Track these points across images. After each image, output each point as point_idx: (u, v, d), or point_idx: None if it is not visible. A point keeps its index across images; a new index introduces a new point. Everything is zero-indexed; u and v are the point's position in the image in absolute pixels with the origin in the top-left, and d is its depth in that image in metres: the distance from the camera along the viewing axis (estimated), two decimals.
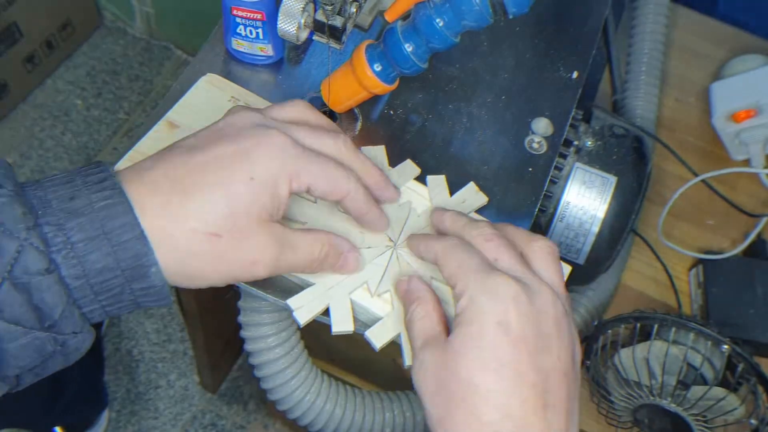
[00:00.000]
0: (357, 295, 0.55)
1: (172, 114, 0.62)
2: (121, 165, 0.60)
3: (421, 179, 0.62)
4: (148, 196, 0.44)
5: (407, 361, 0.52)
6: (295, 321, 0.54)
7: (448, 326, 0.48)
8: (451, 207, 0.58)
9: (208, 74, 0.65)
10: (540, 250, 0.48)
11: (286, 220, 0.57)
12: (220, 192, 0.45)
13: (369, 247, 0.56)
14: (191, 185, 0.45)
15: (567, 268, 0.58)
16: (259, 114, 0.49)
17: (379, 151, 0.62)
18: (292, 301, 0.54)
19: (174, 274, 0.45)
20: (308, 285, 0.55)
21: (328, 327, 0.54)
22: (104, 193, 0.43)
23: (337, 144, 0.50)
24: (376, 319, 0.55)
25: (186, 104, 0.63)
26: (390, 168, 0.61)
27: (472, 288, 0.44)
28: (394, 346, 0.55)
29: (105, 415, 1.27)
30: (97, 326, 1.27)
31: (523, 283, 0.44)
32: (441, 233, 0.53)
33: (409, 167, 0.62)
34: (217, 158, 0.46)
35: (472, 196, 0.61)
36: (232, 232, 0.45)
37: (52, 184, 0.43)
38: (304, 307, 0.54)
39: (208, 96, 0.64)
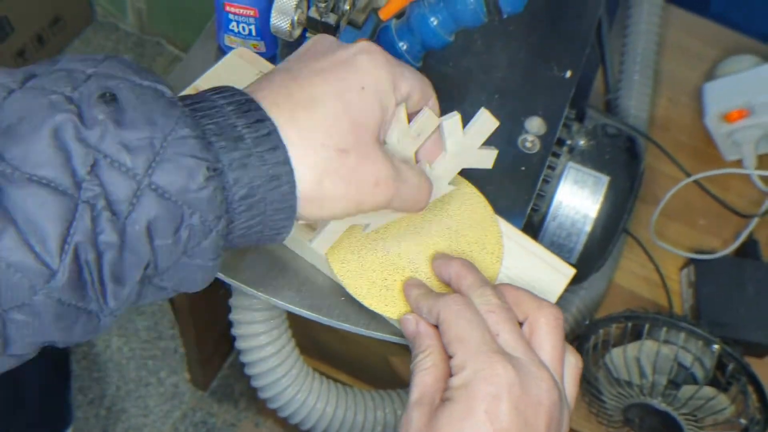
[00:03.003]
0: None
1: (199, 82, 0.61)
2: None
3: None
4: (274, 111, 0.41)
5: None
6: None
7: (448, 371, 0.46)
8: (467, 145, 0.51)
9: (240, 47, 0.64)
10: (546, 323, 0.46)
11: None
12: (338, 102, 0.42)
13: None
14: (308, 98, 0.42)
15: (570, 271, 0.57)
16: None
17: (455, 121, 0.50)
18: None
19: (308, 199, 0.42)
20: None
21: (320, 324, 0.54)
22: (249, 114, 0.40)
23: None
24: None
25: (214, 75, 0.62)
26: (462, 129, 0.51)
27: (469, 368, 0.43)
28: (387, 345, 0.55)
29: None
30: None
31: (520, 368, 0.43)
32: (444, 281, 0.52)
33: (487, 121, 0.51)
34: (322, 71, 0.43)
35: (485, 122, 0.52)
36: (357, 147, 0.42)
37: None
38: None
39: (236, 69, 0.63)
